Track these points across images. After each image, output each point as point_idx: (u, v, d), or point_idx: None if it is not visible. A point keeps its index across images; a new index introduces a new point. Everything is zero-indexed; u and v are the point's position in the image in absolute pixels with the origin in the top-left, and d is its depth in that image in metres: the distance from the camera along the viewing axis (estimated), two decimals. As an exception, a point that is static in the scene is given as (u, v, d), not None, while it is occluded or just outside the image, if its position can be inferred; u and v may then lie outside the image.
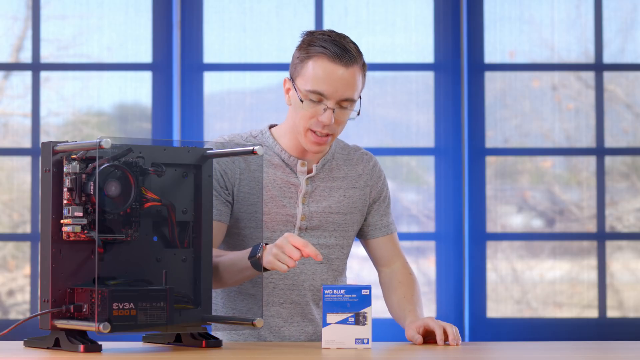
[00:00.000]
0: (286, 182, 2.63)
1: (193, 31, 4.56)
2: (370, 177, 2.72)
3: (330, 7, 4.57)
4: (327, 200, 2.65)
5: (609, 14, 4.61)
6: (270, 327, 2.63)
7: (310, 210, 2.63)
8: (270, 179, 2.63)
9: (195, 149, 2.36)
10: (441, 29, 4.55)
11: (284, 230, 2.61)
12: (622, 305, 4.61)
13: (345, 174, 2.69)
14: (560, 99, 4.63)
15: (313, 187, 2.65)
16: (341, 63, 2.54)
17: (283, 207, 2.62)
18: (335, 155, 2.70)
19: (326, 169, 2.67)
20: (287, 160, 2.64)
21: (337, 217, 2.65)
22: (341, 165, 2.70)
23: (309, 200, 2.64)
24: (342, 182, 2.68)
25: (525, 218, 4.66)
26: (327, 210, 2.64)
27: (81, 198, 2.20)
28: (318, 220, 2.63)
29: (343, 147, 2.74)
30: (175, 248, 2.33)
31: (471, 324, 4.51)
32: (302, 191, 2.63)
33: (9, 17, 4.60)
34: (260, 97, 4.58)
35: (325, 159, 2.67)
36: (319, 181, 2.66)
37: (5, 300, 4.59)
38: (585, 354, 2.32)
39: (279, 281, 2.62)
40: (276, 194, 2.62)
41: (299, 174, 2.64)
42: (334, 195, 2.66)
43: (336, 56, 2.53)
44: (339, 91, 2.54)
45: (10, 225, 4.60)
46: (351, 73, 2.55)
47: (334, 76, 2.53)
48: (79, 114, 4.64)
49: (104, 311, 2.14)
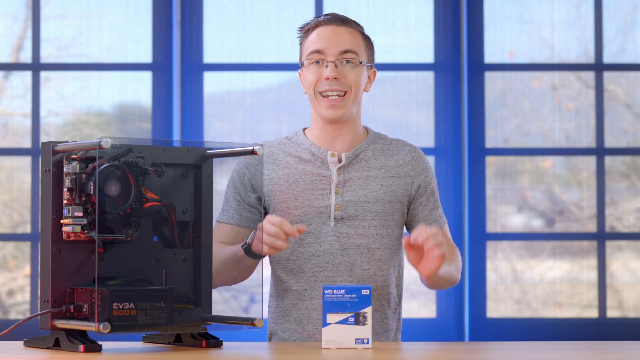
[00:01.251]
0: (317, 175, 2.64)
1: (193, 31, 4.56)
2: (412, 168, 2.69)
3: (330, 7, 4.57)
4: (362, 190, 2.64)
5: (609, 14, 4.61)
6: (314, 320, 2.62)
7: (345, 200, 2.62)
8: (301, 173, 2.65)
9: (195, 149, 2.36)
10: (441, 29, 4.55)
11: (319, 222, 2.62)
12: (622, 305, 4.61)
13: (382, 164, 2.68)
14: (560, 99, 4.63)
15: (346, 177, 2.64)
16: (334, 23, 2.66)
17: (315, 199, 2.62)
18: (371, 146, 2.70)
19: (360, 159, 2.67)
20: (317, 152, 2.66)
21: (375, 206, 2.63)
22: (378, 155, 2.69)
23: (343, 191, 2.63)
24: (379, 171, 2.67)
25: (525, 218, 4.66)
26: (363, 200, 2.63)
27: (81, 198, 2.20)
28: (354, 209, 2.62)
29: (380, 138, 2.74)
30: (175, 248, 2.33)
31: (471, 324, 4.51)
32: (334, 181, 2.63)
33: (9, 17, 4.60)
34: (260, 97, 4.58)
35: (359, 149, 2.67)
36: (352, 171, 2.65)
37: (5, 300, 4.59)
38: (585, 354, 2.32)
39: (319, 274, 2.62)
40: (307, 187, 2.64)
41: (330, 165, 2.64)
42: (369, 184, 2.65)
43: (328, 20, 2.67)
44: (335, 44, 2.63)
45: (10, 225, 4.60)
46: (346, 30, 2.66)
47: (328, 33, 2.65)
48: (79, 114, 4.64)
49: (104, 311, 2.14)
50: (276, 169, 2.67)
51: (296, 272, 2.63)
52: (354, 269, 2.62)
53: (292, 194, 2.63)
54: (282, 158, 2.68)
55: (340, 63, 2.62)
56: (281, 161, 2.68)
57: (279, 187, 2.65)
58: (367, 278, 2.62)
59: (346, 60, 2.62)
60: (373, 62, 2.72)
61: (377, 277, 2.62)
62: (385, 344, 2.46)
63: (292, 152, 2.68)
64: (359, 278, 2.62)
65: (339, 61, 2.62)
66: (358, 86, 2.64)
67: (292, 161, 2.67)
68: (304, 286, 2.63)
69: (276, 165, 2.68)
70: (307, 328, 2.63)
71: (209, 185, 2.37)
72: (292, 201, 2.63)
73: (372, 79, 2.72)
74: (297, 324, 2.64)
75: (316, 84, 2.63)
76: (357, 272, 2.62)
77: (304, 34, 2.69)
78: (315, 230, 2.61)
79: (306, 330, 2.63)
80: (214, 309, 2.38)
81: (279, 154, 2.70)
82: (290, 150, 2.69)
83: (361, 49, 2.66)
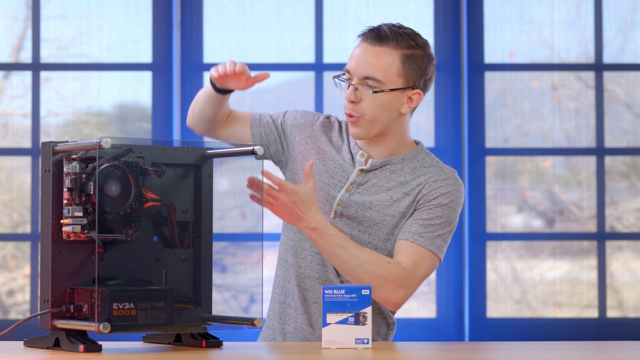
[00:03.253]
0: (342, 166, 2.63)
1: (193, 31, 4.56)
2: (427, 187, 2.58)
3: (330, 7, 4.57)
4: (371, 196, 2.60)
5: (609, 14, 4.61)
6: (313, 301, 2.62)
7: (350, 199, 2.60)
8: (333, 156, 2.64)
9: (195, 149, 2.36)
10: (441, 29, 4.55)
11: (322, 209, 2.61)
12: (622, 305, 4.61)
13: (405, 180, 2.60)
14: (560, 99, 4.63)
15: (364, 180, 2.61)
16: (367, 41, 2.56)
17: (328, 185, 2.61)
18: (405, 162, 2.62)
19: (387, 169, 2.62)
20: (353, 149, 2.64)
21: (375, 215, 2.58)
22: (406, 172, 2.61)
23: (355, 191, 2.61)
24: (398, 186, 2.60)
25: (525, 218, 4.66)
26: (367, 205, 2.59)
27: (81, 198, 2.20)
28: (354, 210, 2.59)
29: (425, 160, 2.64)
30: (175, 248, 2.33)
31: (471, 324, 4.51)
32: (350, 179, 2.61)
33: (9, 17, 4.60)
34: (260, 97, 4.58)
35: (389, 160, 2.61)
36: (373, 177, 2.62)
37: (5, 300, 4.59)
38: (585, 354, 2.32)
39: (316, 256, 2.61)
40: (329, 170, 2.63)
41: (357, 164, 2.62)
42: (381, 193, 2.60)
43: (365, 36, 2.57)
44: (360, 67, 2.54)
45: (10, 225, 4.60)
46: (378, 51, 2.54)
47: (357, 53, 2.57)
48: (79, 114, 4.64)
49: (104, 311, 2.14)
50: (317, 139, 2.67)
51: (294, 245, 2.64)
52: None
53: (313, 168, 2.63)
54: (333, 133, 2.68)
55: (361, 87, 2.54)
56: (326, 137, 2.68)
57: (308, 155, 2.65)
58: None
59: (368, 84, 2.54)
60: (416, 83, 2.56)
61: None
62: (386, 344, 2.46)
63: (342, 136, 2.68)
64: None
65: (360, 85, 2.54)
66: (378, 112, 2.55)
67: (335, 142, 2.67)
68: (300, 262, 2.63)
69: (325, 133, 2.68)
70: (305, 304, 2.63)
71: (209, 185, 2.37)
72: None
73: (415, 100, 2.58)
74: (292, 298, 2.64)
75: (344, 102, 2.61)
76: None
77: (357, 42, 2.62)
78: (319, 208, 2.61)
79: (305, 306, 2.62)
80: (214, 309, 2.38)
81: (334, 127, 2.70)
82: (341, 133, 2.69)
83: (391, 73, 2.54)
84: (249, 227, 4.66)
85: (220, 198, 4.56)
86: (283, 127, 2.70)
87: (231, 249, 4.65)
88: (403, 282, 2.50)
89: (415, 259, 2.52)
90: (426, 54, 2.58)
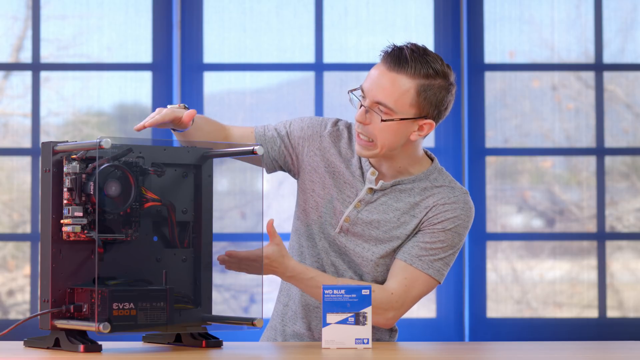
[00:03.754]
0: (349, 183, 2.59)
1: (193, 31, 4.56)
2: (434, 210, 2.55)
3: (330, 7, 4.57)
4: (379, 215, 2.56)
5: (609, 14, 4.61)
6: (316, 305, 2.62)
7: (358, 217, 2.56)
8: (342, 170, 2.59)
9: (195, 149, 2.36)
10: (441, 29, 4.55)
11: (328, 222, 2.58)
12: (622, 305, 4.61)
13: (414, 202, 2.56)
14: (560, 99, 4.63)
15: (373, 199, 2.57)
16: (386, 64, 2.47)
17: (337, 199, 2.58)
18: (417, 183, 2.57)
19: (397, 189, 2.57)
20: (364, 165, 2.58)
21: (380, 234, 2.55)
22: (416, 194, 2.57)
23: (363, 209, 2.57)
24: (407, 207, 2.56)
25: (525, 218, 4.66)
26: (374, 224, 2.56)
27: (81, 198, 2.20)
28: (361, 228, 2.56)
29: (437, 179, 2.60)
30: (175, 248, 2.33)
31: (471, 324, 4.51)
32: (359, 196, 2.57)
33: (9, 17, 4.60)
34: (260, 97, 4.58)
35: (401, 181, 2.56)
36: (382, 195, 2.57)
37: (5, 300, 4.59)
38: (585, 354, 2.32)
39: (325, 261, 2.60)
40: (338, 185, 2.59)
41: (367, 182, 2.57)
42: (389, 213, 2.56)
43: (386, 57, 2.48)
44: (374, 91, 2.46)
45: (10, 225, 4.60)
46: (395, 78, 2.45)
47: (374, 74, 2.48)
48: (79, 114, 4.64)
49: (104, 311, 2.14)
50: (327, 151, 2.62)
51: (304, 251, 2.62)
52: (343, 276, 2.60)
53: (322, 181, 2.60)
54: (341, 144, 2.63)
55: (371, 110, 2.48)
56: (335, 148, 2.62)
57: (317, 168, 2.61)
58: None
59: (379, 109, 2.47)
60: (429, 113, 2.49)
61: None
62: (385, 344, 2.46)
63: (351, 147, 2.62)
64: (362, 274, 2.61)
65: (372, 108, 2.48)
66: (387, 138, 2.48)
67: (344, 154, 2.61)
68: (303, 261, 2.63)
69: (334, 144, 2.62)
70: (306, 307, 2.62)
71: (209, 185, 2.37)
72: (318, 186, 2.60)
73: (426, 129, 2.51)
74: (295, 302, 2.64)
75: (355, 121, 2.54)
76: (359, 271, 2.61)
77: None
78: (324, 222, 2.59)
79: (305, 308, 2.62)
80: (214, 309, 2.38)
81: (343, 136, 2.63)
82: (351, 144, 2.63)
83: (404, 102, 2.46)
84: (249, 227, 4.66)
85: (220, 198, 4.56)
86: (290, 139, 2.64)
87: (231, 249, 4.65)
88: (391, 305, 2.50)
89: (408, 282, 2.51)
90: (446, 84, 2.50)
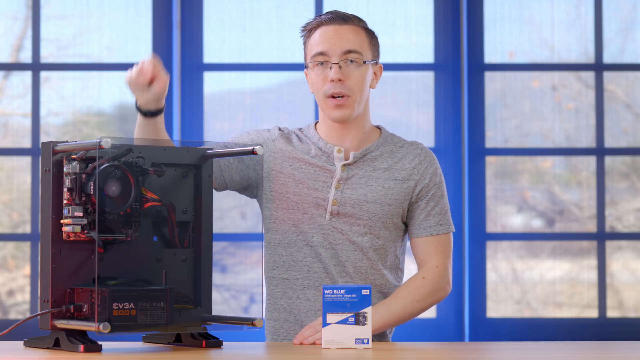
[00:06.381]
0: (321, 167, 2.65)
1: (193, 31, 4.56)
2: (417, 172, 2.67)
3: (330, 7, 4.57)
4: (363, 189, 2.64)
5: (609, 14, 4.61)
6: (307, 310, 2.63)
7: (344, 196, 2.63)
8: (306, 163, 2.66)
9: (195, 149, 2.36)
10: (441, 29, 4.56)
11: (315, 213, 2.63)
12: (622, 305, 4.61)
13: (388, 166, 2.67)
14: (560, 99, 4.63)
15: (350, 174, 2.65)
16: (336, 22, 2.64)
17: (314, 189, 2.63)
18: (381, 147, 2.69)
19: (367, 158, 2.67)
20: (325, 147, 2.67)
21: (373, 207, 2.63)
22: (386, 157, 2.68)
23: (344, 187, 2.64)
24: (383, 173, 2.66)
25: (525, 218, 4.66)
26: (362, 199, 2.63)
27: (81, 198, 2.20)
28: (351, 207, 2.62)
29: (394, 140, 2.73)
30: (175, 248, 2.33)
31: (471, 324, 4.51)
32: (336, 177, 2.63)
33: (9, 17, 4.60)
34: (260, 97, 4.58)
35: (368, 149, 2.67)
36: (357, 169, 2.66)
37: (5, 300, 4.59)
38: (585, 354, 2.32)
39: (312, 264, 2.63)
40: (309, 176, 2.65)
41: (336, 161, 2.65)
42: (371, 184, 2.65)
43: (330, 19, 2.64)
44: (338, 45, 2.61)
45: (10, 225, 4.60)
46: (348, 29, 2.63)
47: (330, 33, 2.63)
48: (79, 114, 4.64)
49: (104, 311, 2.14)
50: (285, 151, 2.68)
51: (286, 260, 2.64)
52: (346, 264, 2.62)
53: (292, 179, 2.65)
54: (294, 142, 2.70)
55: (344, 64, 2.61)
56: (291, 146, 2.69)
57: (282, 169, 2.66)
58: (359, 276, 2.62)
59: (350, 60, 2.62)
60: (378, 58, 2.70)
61: (369, 275, 2.63)
62: (385, 344, 2.46)
63: (303, 142, 2.70)
64: (352, 273, 2.62)
65: (343, 62, 2.61)
66: (362, 86, 2.63)
67: (301, 149, 2.68)
68: (295, 275, 2.63)
69: (288, 144, 2.70)
70: (298, 317, 2.63)
71: (209, 185, 2.37)
72: (291, 185, 2.64)
73: (379, 75, 2.70)
74: (288, 313, 2.64)
75: (322, 86, 2.63)
76: (350, 267, 2.62)
77: (306, 33, 2.68)
78: (310, 220, 2.62)
79: (298, 319, 2.63)
80: (214, 309, 2.38)
81: (292, 136, 2.72)
82: (301, 140, 2.71)
83: (365, 46, 2.65)
84: (249, 227, 4.66)
85: (220, 198, 4.55)
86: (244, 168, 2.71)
87: (231, 249, 4.65)
88: (444, 276, 2.67)
89: (442, 249, 2.70)
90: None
